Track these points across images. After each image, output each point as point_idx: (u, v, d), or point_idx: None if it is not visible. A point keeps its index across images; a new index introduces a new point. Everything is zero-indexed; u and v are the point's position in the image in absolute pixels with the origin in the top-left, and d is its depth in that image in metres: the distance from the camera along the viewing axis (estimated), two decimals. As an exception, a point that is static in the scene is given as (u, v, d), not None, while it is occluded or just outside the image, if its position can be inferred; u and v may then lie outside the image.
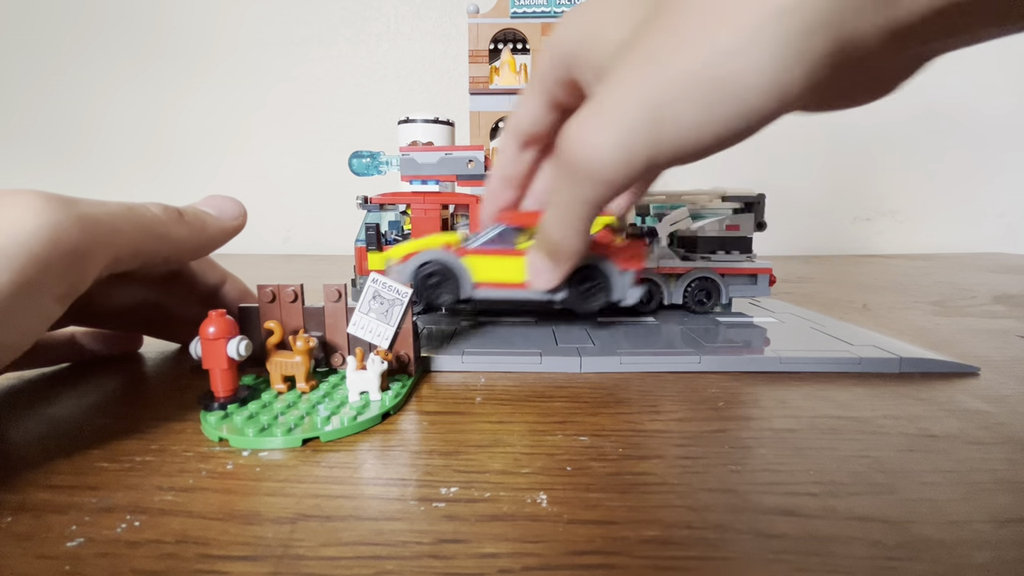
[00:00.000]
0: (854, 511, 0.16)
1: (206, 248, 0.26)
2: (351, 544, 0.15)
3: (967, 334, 0.38)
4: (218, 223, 0.26)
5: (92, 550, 0.14)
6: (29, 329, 0.19)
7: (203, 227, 0.25)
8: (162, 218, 0.23)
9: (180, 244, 0.24)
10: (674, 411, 0.24)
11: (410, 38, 1.04)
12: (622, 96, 0.19)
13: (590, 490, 0.18)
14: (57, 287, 0.19)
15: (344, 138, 1.06)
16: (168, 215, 0.24)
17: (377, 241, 0.40)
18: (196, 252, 0.26)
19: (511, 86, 0.62)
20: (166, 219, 0.23)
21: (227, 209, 0.27)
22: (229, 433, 0.21)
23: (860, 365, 0.29)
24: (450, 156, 0.40)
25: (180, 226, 0.24)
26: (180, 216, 0.24)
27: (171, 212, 0.24)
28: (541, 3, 0.59)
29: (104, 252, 0.20)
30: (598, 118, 0.20)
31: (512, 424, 0.23)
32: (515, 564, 0.14)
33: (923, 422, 0.23)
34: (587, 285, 0.31)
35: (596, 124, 0.20)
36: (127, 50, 1.07)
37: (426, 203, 0.40)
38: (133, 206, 0.22)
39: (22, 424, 0.23)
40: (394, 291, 0.26)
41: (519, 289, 0.31)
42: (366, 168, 0.42)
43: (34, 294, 0.18)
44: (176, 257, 0.25)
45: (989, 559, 0.14)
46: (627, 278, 0.31)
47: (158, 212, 0.23)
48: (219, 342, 0.22)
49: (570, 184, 0.22)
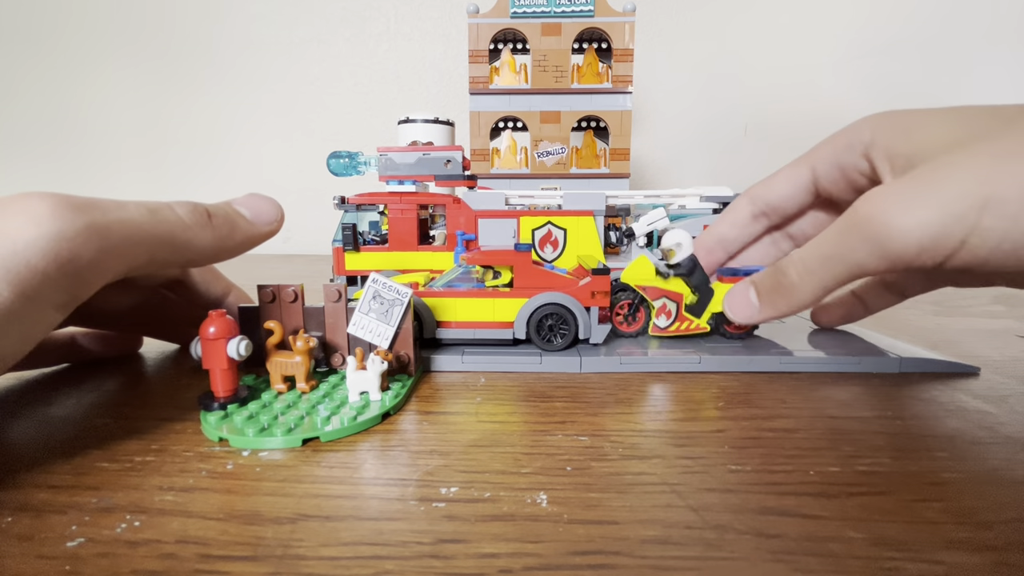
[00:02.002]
0: (854, 511, 0.16)
1: (230, 254, 0.24)
2: (351, 544, 0.15)
3: (967, 334, 0.38)
4: (249, 228, 0.24)
5: (92, 550, 0.14)
6: (28, 337, 0.19)
7: (231, 232, 0.24)
8: (186, 222, 0.22)
9: (202, 251, 0.23)
10: (674, 411, 0.24)
11: (410, 38, 1.04)
12: (955, 181, 0.20)
13: (590, 490, 0.18)
14: (57, 297, 0.18)
15: (344, 138, 1.06)
16: (195, 218, 0.22)
17: (354, 241, 0.39)
18: (219, 258, 0.24)
19: (511, 86, 0.62)
20: (191, 223, 0.22)
21: (263, 212, 0.25)
22: (229, 433, 0.21)
23: (860, 365, 0.29)
24: (428, 156, 0.40)
25: (206, 231, 0.22)
26: (208, 219, 0.23)
27: (199, 214, 0.22)
28: (541, 3, 0.59)
29: (114, 263, 0.19)
30: (921, 193, 0.21)
31: (512, 424, 0.23)
32: (515, 564, 0.14)
33: (923, 422, 0.23)
34: (550, 324, 0.31)
35: (917, 198, 0.21)
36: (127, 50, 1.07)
37: (403, 203, 0.40)
38: (157, 209, 0.21)
39: (22, 424, 0.23)
40: (394, 291, 0.26)
41: (482, 328, 0.31)
42: (344, 168, 0.41)
43: (32, 304, 0.18)
44: (197, 262, 0.23)
45: (989, 559, 0.14)
46: (593, 316, 0.31)
47: (183, 215, 0.22)
48: (219, 342, 0.22)
49: (851, 244, 0.23)
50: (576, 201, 0.39)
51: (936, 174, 0.21)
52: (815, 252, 0.25)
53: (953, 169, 0.20)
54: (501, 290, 0.31)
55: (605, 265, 0.31)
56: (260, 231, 0.25)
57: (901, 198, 0.21)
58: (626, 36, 0.60)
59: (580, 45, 0.62)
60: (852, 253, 0.23)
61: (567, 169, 0.63)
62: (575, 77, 0.62)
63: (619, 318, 0.34)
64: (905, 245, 0.21)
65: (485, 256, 0.31)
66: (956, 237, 0.20)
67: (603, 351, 0.31)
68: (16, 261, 0.17)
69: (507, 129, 0.65)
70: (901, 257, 0.21)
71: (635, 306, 0.33)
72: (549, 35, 0.60)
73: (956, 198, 0.20)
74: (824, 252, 0.24)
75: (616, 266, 0.41)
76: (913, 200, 0.21)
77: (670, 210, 0.43)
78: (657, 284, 0.33)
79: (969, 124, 0.22)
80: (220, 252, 0.24)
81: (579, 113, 0.62)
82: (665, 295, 0.33)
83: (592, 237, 0.38)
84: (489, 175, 0.63)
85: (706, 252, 0.34)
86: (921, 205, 0.20)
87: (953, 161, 0.21)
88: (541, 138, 0.63)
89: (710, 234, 0.34)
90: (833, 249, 0.24)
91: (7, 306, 0.17)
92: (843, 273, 0.24)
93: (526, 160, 0.64)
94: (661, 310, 0.33)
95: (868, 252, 0.22)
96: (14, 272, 0.17)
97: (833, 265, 0.24)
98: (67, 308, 0.19)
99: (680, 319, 0.33)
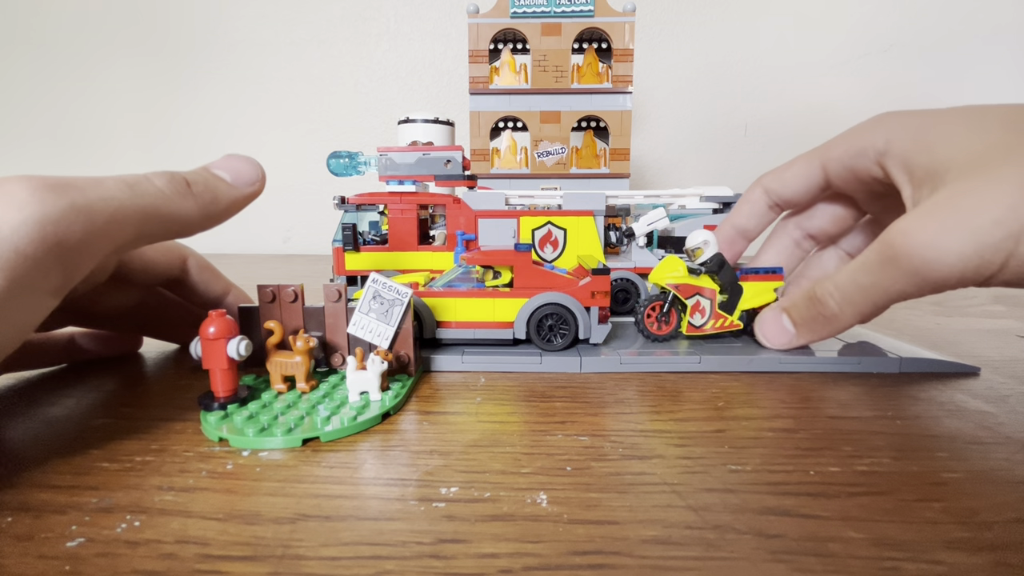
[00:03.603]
0: (854, 511, 0.16)
1: (217, 220, 0.24)
2: (351, 544, 0.15)
3: (967, 334, 0.38)
4: (231, 192, 0.24)
5: (92, 550, 0.14)
6: (23, 324, 0.18)
7: (214, 199, 0.23)
8: (166, 193, 0.21)
9: (188, 220, 0.22)
10: (674, 411, 0.24)
11: (410, 38, 1.04)
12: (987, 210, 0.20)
13: (590, 490, 0.18)
14: (49, 281, 0.18)
15: (344, 138, 1.06)
16: (174, 187, 0.21)
17: (354, 241, 0.39)
18: (206, 226, 0.23)
19: (511, 86, 0.62)
20: (171, 193, 0.21)
21: (243, 173, 0.24)
22: (229, 433, 0.21)
23: (860, 365, 0.29)
24: (427, 156, 0.40)
25: (187, 200, 0.22)
26: (188, 187, 0.22)
27: (177, 183, 0.22)
28: (541, 3, 0.59)
29: (101, 242, 0.19)
30: (956, 226, 0.21)
31: (512, 424, 0.23)
32: (515, 564, 0.14)
33: (923, 422, 0.23)
34: (550, 324, 0.31)
35: (954, 231, 0.21)
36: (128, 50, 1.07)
37: (403, 203, 0.40)
38: (135, 183, 0.20)
39: (22, 424, 0.23)
40: (394, 291, 0.26)
41: (482, 328, 0.31)
42: (344, 168, 0.41)
43: (24, 290, 0.17)
44: (184, 232, 0.23)
45: (989, 559, 0.14)
46: (593, 316, 0.31)
47: (162, 186, 0.21)
48: (219, 342, 0.22)
49: (892, 276, 0.23)
50: (576, 201, 0.39)
51: (967, 201, 0.21)
52: (853, 282, 0.26)
53: (983, 198, 0.21)
54: (501, 290, 0.31)
55: (605, 265, 0.31)
56: (242, 193, 0.24)
57: (937, 231, 0.22)
58: (626, 36, 0.60)
59: (580, 45, 0.62)
60: (893, 285, 0.24)
61: (567, 169, 0.63)
62: (575, 77, 0.62)
63: (651, 320, 0.33)
64: (947, 276, 0.22)
65: (485, 256, 0.31)
66: (996, 263, 0.21)
67: (603, 351, 0.31)
68: (4, 248, 0.16)
69: (507, 129, 0.65)
70: (943, 286, 0.22)
71: (667, 307, 0.33)
72: (549, 35, 0.60)
73: (991, 228, 0.20)
74: (863, 283, 0.25)
75: (616, 266, 0.41)
76: (950, 233, 0.21)
77: (670, 210, 0.43)
78: (689, 281, 0.32)
79: (988, 135, 0.22)
80: (206, 220, 0.23)
81: (579, 113, 0.62)
82: (698, 292, 0.33)
83: (592, 237, 0.39)
84: (489, 175, 0.63)
85: (728, 244, 0.35)
86: (957, 239, 0.21)
87: (980, 188, 0.21)
88: (541, 138, 0.63)
89: (729, 226, 0.35)
90: (872, 280, 0.25)
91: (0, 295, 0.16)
92: (884, 302, 0.25)
93: (526, 160, 0.64)
94: (695, 308, 0.33)
95: (909, 283, 0.23)
96: (3, 260, 0.16)
97: (874, 295, 0.25)
98: (60, 292, 0.19)
99: (715, 316, 0.33)
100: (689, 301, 0.32)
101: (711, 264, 0.32)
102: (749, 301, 0.33)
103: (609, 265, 0.32)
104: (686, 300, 0.32)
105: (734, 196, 0.43)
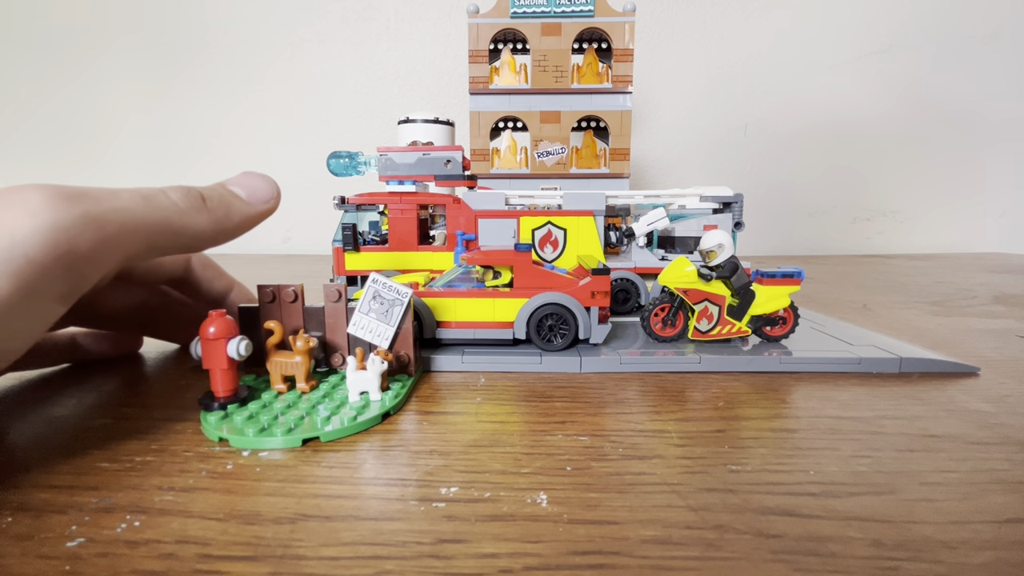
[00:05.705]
0: (854, 511, 0.16)
1: (229, 237, 0.23)
2: (351, 544, 0.15)
3: (967, 334, 0.38)
4: (245, 209, 0.24)
5: (92, 550, 0.14)
6: (30, 330, 0.18)
7: (227, 215, 0.23)
8: (181, 207, 0.21)
9: (200, 234, 0.22)
10: (674, 411, 0.24)
11: (410, 38, 1.04)
12: None
13: (590, 490, 0.18)
14: (57, 288, 0.18)
15: (344, 138, 1.06)
16: (189, 202, 0.22)
17: (354, 241, 0.39)
18: (218, 241, 0.23)
19: (511, 86, 0.62)
20: (186, 207, 0.21)
21: (258, 190, 0.24)
22: (229, 433, 0.21)
23: (860, 365, 0.29)
24: (427, 156, 0.40)
25: (201, 215, 0.22)
26: (203, 202, 0.22)
27: (193, 198, 0.22)
28: (541, 3, 0.59)
29: (112, 253, 0.19)
30: None
31: (512, 424, 0.23)
32: (515, 564, 0.14)
33: (923, 422, 0.23)
34: (550, 324, 0.31)
35: None
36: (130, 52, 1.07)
37: (403, 203, 0.40)
38: (150, 195, 0.20)
39: (22, 424, 0.23)
40: (394, 291, 0.26)
41: (482, 328, 0.31)
42: (344, 168, 0.41)
43: (33, 297, 0.17)
44: (196, 247, 0.23)
45: (989, 559, 0.14)
46: (593, 316, 0.31)
47: (177, 200, 0.21)
48: (219, 342, 0.22)
49: None
50: (576, 201, 0.39)
51: None
52: None
53: None
54: (501, 290, 0.31)
55: (605, 265, 0.31)
56: (256, 210, 0.24)
57: None
58: (626, 36, 0.60)
59: (580, 45, 0.62)
60: None
61: (567, 169, 0.63)
62: (575, 77, 0.62)
63: (657, 320, 0.33)
64: None
65: (485, 256, 0.31)
66: None
67: (603, 351, 0.31)
68: (14, 254, 0.16)
69: (507, 129, 0.65)
70: None
71: (674, 309, 0.33)
72: (549, 35, 0.60)
73: None
74: None
75: (616, 266, 0.41)
76: None
77: (670, 210, 0.43)
78: (699, 286, 0.32)
79: None
80: (218, 235, 0.23)
81: (579, 113, 0.62)
82: (707, 298, 0.32)
83: (592, 237, 0.39)
84: (489, 175, 0.63)
85: None
86: None
87: None
88: (541, 138, 0.63)
89: None
90: None
91: (7, 300, 0.17)
92: None
93: (526, 160, 0.64)
94: (702, 314, 0.32)
95: None
96: (13, 265, 0.16)
97: None
98: (68, 300, 0.19)
99: (723, 322, 0.32)
100: (697, 306, 0.32)
101: (726, 268, 0.32)
102: (762, 306, 0.32)
103: (609, 265, 0.32)
104: (694, 305, 0.32)
105: (734, 196, 0.43)
